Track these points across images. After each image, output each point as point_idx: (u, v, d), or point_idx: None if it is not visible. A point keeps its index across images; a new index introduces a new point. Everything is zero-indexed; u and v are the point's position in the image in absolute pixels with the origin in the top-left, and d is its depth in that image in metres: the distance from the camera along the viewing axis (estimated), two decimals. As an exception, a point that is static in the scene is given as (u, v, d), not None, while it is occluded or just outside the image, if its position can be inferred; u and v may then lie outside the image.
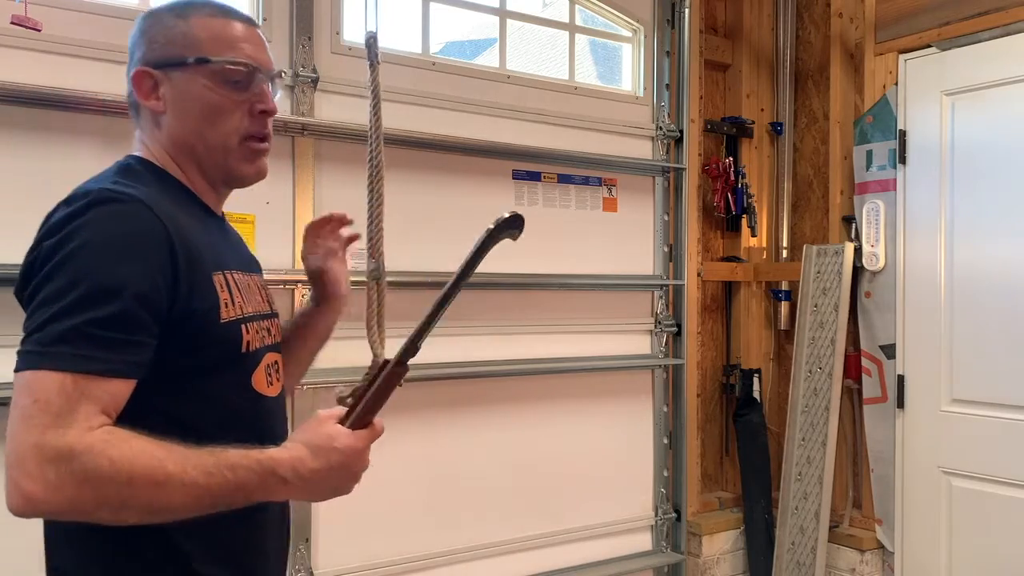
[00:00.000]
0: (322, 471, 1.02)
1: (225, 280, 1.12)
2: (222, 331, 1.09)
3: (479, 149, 2.77)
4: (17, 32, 1.96)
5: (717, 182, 3.41)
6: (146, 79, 1.15)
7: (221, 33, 1.15)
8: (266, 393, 1.18)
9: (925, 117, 2.97)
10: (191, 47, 1.13)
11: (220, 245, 1.18)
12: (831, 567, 3.16)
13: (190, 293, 1.04)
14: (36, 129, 2.06)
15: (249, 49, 1.16)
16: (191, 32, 1.14)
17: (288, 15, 2.47)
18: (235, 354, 1.11)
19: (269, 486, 0.99)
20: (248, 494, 0.98)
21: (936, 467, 2.93)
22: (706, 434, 3.50)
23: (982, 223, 2.81)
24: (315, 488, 1.03)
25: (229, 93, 1.14)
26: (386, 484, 2.62)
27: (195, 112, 1.14)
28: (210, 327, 1.07)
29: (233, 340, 1.11)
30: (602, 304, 3.11)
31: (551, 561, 2.97)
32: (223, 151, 1.16)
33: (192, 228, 1.10)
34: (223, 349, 1.10)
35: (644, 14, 3.24)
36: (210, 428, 1.05)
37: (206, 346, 1.07)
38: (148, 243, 1.01)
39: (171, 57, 1.13)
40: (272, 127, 1.23)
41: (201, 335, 1.06)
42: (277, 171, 2.46)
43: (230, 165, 1.17)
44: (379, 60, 1.37)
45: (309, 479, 1.01)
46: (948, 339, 2.88)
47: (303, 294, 2.44)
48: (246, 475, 0.97)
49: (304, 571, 2.44)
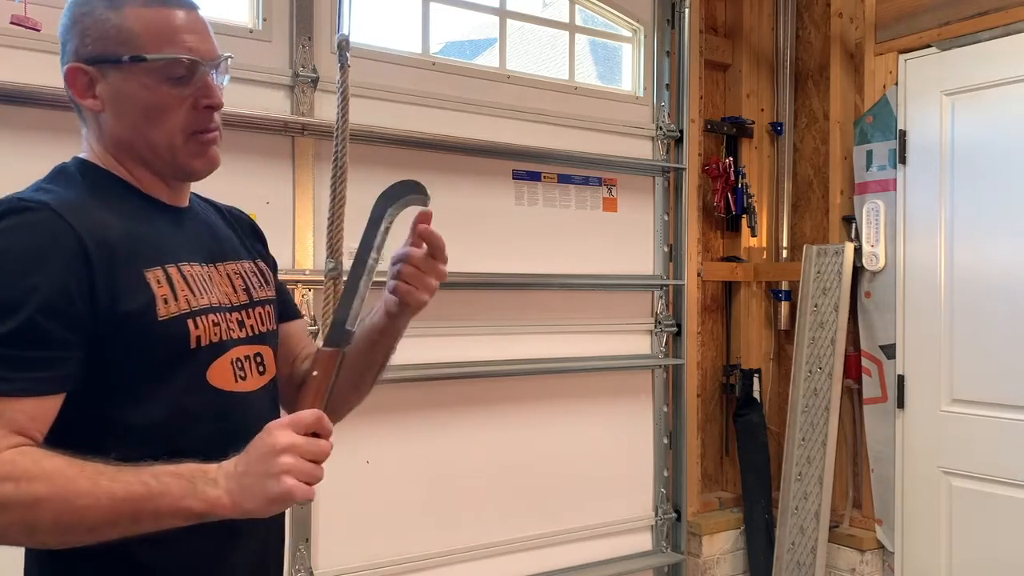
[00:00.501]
0: (243, 464, 0.95)
1: (166, 275, 1.06)
2: (161, 329, 1.03)
3: (479, 149, 2.77)
4: (17, 32, 1.96)
5: (717, 182, 3.40)
6: (80, 76, 1.07)
7: (157, 25, 1.06)
8: (232, 388, 1.11)
9: (925, 117, 2.97)
10: (125, 43, 1.05)
11: (170, 239, 1.11)
12: (831, 567, 3.16)
13: (114, 296, 1.00)
14: (36, 129, 2.06)
15: (191, 40, 1.08)
16: (124, 25, 1.05)
17: (288, 15, 2.47)
18: (182, 351, 1.05)
19: (198, 490, 0.93)
20: (176, 500, 0.92)
21: (936, 467, 2.93)
22: (706, 434, 3.50)
23: (982, 223, 2.81)
24: (244, 488, 0.94)
25: (170, 90, 1.07)
26: (386, 484, 2.62)
27: (135, 112, 1.08)
28: (148, 327, 1.02)
29: (176, 337, 1.05)
30: (602, 304, 3.11)
31: (551, 561, 2.97)
32: (169, 149, 1.10)
33: (125, 228, 1.05)
34: (167, 347, 1.04)
35: (644, 14, 3.24)
36: (165, 430, 1.03)
37: (147, 346, 1.02)
38: (52, 251, 0.97)
39: (105, 54, 1.06)
40: (220, 119, 1.14)
41: (139, 336, 1.01)
42: (277, 171, 2.46)
43: (179, 162, 1.11)
44: (349, 63, 1.37)
45: (235, 475, 0.94)
46: (948, 339, 2.88)
47: (303, 294, 2.44)
48: (171, 480, 0.93)
49: (304, 571, 2.44)
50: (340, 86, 1.33)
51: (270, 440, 0.94)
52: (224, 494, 0.93)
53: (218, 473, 0.94)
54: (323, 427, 0.98)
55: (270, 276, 1.30)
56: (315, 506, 2.47)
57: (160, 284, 1.04)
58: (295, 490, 0.92)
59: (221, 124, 1.14)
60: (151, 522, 0.93)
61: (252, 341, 1.18)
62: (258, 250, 1.32)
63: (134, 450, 0.98)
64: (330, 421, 1.00)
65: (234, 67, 1.20)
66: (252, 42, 2.41)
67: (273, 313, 1.26)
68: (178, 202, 1.18)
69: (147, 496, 0.91)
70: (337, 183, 1.31)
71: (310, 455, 0.95)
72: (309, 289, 2.45)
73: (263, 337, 1.21)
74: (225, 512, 0.94)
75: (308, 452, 0.95)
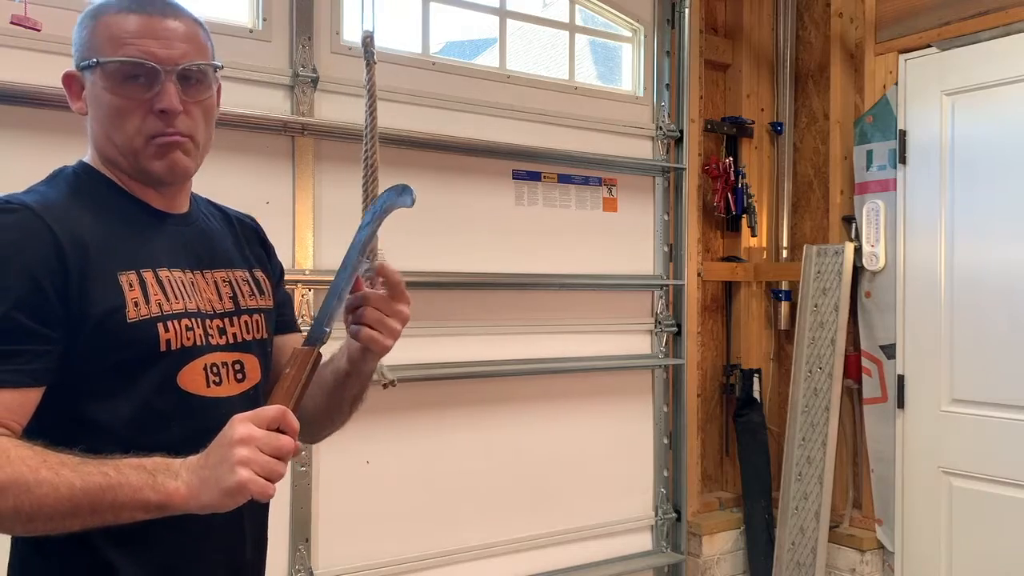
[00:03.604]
0: (203, 457, 0.96)
1: (140, 279, 1.08)
2: (130, 332, 1.05)
3: (479, 149, 2.77)
4: (17, 32, 1.96)
5: (717, 182, 3.40)
6: (74, 83, 1.14)
7: (115, 31, 1.09)
8: (203, 393, 1.12)
9: (925, 117, 2.97)
10: (94, 48, 1.11)
11: (150, 244, 1.13)
12: (831, 567, 3.16)
13: (86, 295, 1.03)
14: (36, 129, 2.06)
15: (147, 44, 1.09)
16: (96, 32, 1.11)
17: (288, 15, 2.47)
18: (151, 354, 1.07)
19: (157, 482, 0.93)
20: (134, 491, 0.93)
21: (936, 467, 2.93)
22: (706, 434, 3.50)
23: (982, 223, 2.81)
24: (203, 480, 0.94)
25: (130, 93, 1.09)
26: (386, 484, 2.62)
27: (102, 115, 1.12)
28: (117, 328, 1.04)
29: (145, 340, 1.06)
30: (602, 304, 3.11)
31: (551, 561, 2.97)
32: (131, 152, 1.12)
33: (103, 230, 1.08)
34: (136, 350, 1.06)
35: (644, 14, 3.24)
36: (131, 430, 1.05)
37: (116, 348, 1.05)
38: (28, 249, 1.01)
39: (82, 60, 1.12)
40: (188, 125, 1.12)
41: (107, 336, 1.04)
42: (277, 171, 2.46)
43: (141, 166, 1.12)
44: (375, 60, 1.36)
45: (195, 467, 0.95)
46: (948, 339, 2.88)
47: (303, 294, 2.44)
48: (131, 471, 0.94)
49: (304, 571, 2.44)
50: (368, 83, 1.33)
51: (229, 432, 0.95)
52: (182, 485, 0.94)
53: (181, 467, 0.95)
54: (287, 423, 0.98)
55: (267, 286, 1.29)
56: (315, 506, 2.47)
57: (132, 287, 1.07)
58: (249, 483, 0.92)
59: (196, 129, 1.14)
60: (110, 513, 0.93)
61: (232, 348, 1.18)
62: (260, 259, 1.32)
63: (104, 448, 0.99)
64: (296, 419, 1.00)
65: (234, 67, 1.20)
66: (252, 42, 2.41)
67: (264, 323, 1.25)
68: (171, 207, 1.19)
69: (106, 487, 0.92)
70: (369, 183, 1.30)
71: (269, 449, 0.94)
72: (309, 289, 2.45)
73: (247, 345, 1.21)
74: (182, 503, 0.94)
75: (267, 446, 0.94)
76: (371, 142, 1.35)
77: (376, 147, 1.36)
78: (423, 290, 2.67)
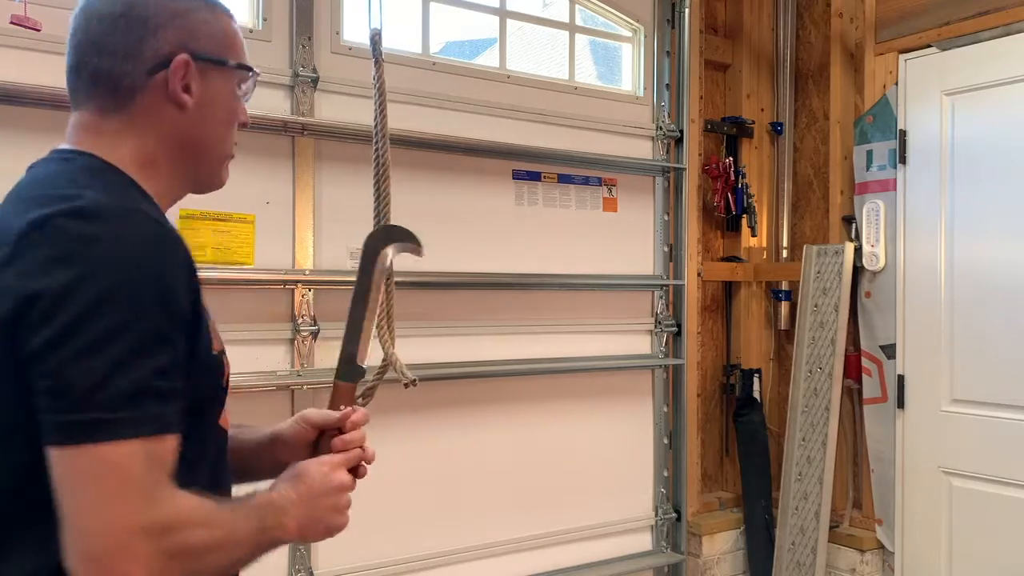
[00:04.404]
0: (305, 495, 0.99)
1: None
2: (213, 361, 0.97)
3: (479, 149, 2.77)
4: (17, 32, 1.96)
5: (717, 182, 3.40)
6: (188, 69, 1.00)
7: (233, 38, 1.06)
8: (227, 428, 1.07)
9: (925, 117, 2.97)
10: (228, 48, 1.04)
11: None
12: (831, 567, 3.16)
13: (199, 321, 0.92)
14: (36, 129, 2.06)
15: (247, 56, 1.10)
16: (226, 31, 1.05)
17: (288, 15, 2.47)
18: (218, 389, 1.00)
19: (280, 521, 0.95)
20: (280, 532, 0.96)
21: (936, 467, 2.93)
22: (706, 434, 3.50)
23: (982, 223, 2.81)
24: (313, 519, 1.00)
25: (239, 103, 1.08)
26: (386, 484, 2.61)
27: (221, 117, 1.05)
28: (207, 357, 0.95)
29: (219, 373, 0.99)
30: (602, 304, 3.11)
31: (551, 561, 2.97)
32: (220, 159, 1.07)
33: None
34: (212, 383, 0.98)
35: (644, 14, 3.24)
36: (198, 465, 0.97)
37: (201, 379, 0.94)
38: (182, 272, 0.89)
39: (213, 54, 1.02)
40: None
41: (199, 367, 0.93)
42: (277, 171, 2.46)
43: (219, 176, 1.09)
44: (383, 58, 1.36)
45: (301, 505, 0.98)
46: (948, 339, 2.88)
47: (303, 294, 2.44)
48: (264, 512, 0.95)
49: (304, 571, 2.44)
50: (376, 81, 1.32)
51: (336, 478, 1.04)
52: (292, 522, 0.97)
53: (283, 502, 0.97)
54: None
55: None
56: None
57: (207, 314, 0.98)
58: (345, 524, 1.03)
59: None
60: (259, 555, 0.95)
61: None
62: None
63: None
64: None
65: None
66: (252, 42, 2.40)
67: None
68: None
69: (260, 530, 0.93)
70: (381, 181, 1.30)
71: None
72: (309, 289, 2.45)
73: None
74: (289, 540, 0.98)
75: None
76: (382, 140, 1.35)
77: (387, 145, 1.36)
78: (423, 290, 2.67)
